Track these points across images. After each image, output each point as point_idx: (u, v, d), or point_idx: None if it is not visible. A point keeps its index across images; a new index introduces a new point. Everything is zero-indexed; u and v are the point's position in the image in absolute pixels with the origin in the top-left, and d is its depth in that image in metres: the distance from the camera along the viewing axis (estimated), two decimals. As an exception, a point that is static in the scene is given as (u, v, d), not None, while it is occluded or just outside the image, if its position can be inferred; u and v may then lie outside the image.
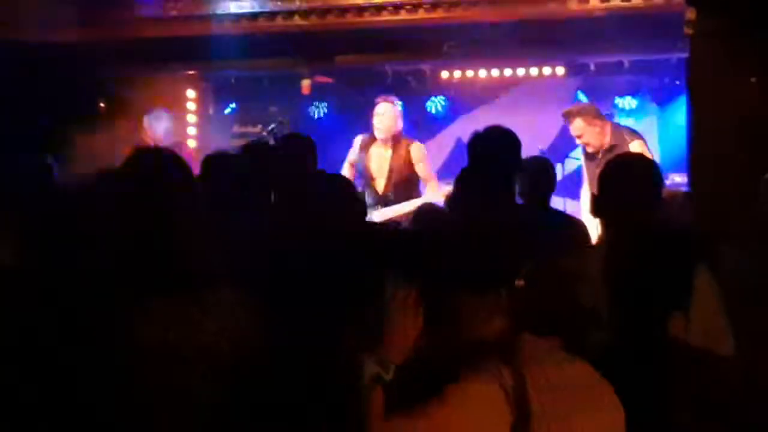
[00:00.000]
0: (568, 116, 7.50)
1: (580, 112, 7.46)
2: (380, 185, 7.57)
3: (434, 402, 2.18)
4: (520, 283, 2.34)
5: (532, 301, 2.37)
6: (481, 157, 4.17)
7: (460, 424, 2.18)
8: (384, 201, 7.45)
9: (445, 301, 2.35)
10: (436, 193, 7.25)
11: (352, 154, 7.79)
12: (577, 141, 7.51)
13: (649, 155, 6.92)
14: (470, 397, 2.21)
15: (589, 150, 7.41)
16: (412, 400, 2.20)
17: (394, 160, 7.56)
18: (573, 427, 2.27)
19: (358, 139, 7.83)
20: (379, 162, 7.61)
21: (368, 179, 7.62)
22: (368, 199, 7.42)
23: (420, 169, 7.56)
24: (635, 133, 7.45)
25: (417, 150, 7.60)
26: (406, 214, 7.10)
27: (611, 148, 7.11)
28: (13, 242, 2.67)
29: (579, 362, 2.38)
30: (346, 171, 7.59)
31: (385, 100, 7.74)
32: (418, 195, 7.52)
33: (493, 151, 4.15)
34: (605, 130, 7.32)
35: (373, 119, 7.68)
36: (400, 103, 7.77)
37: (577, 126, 7.39)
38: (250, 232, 4.13)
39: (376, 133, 7.65)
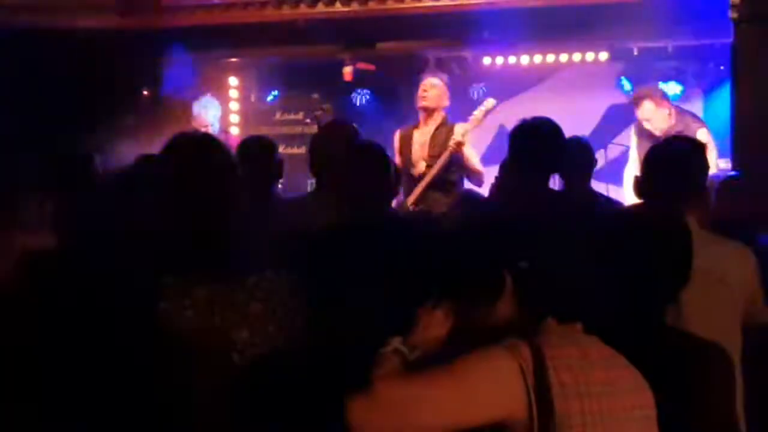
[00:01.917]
0: (637, 100, 7.50)
1: (649, 95, 7.44)
2: (421, 165, 7.37)
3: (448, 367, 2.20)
4: (523, 264, 2.34)
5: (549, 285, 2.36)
6: (522, 151, 4.15)
7: (470, 389, 2.18)
8: (418, 179, 7.28)
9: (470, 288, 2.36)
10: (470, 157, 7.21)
11: (396, 154, 7.53)
12: (645, 125, 7.45)
13: (712, 144, 6.90)
14: (483, 366, 2.21)
15: (657, 134, 7.36)
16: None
17: (436, 141, 7.37)
18: (599, 405, 2.25)
19: (397, 135, 7.67)
20: (420, 146, 7.45)
21: (408, 162, 7.42)
22: (407, 183, 7.25)
23: (464, 152, 7.34)
24: (699, 120, 7.43)
25: (462, 129, 7.40)
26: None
27: (678, 133, 7.06)
28: (59, 228, 2.71)
29: (601, 344, 2.36)
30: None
31: (432, 75, 7.75)
32: (458, 178, 7.39)
33: (535, 144, 4.12)
34: (672, 114, 7.29)
35: (419, 92, 7.56)
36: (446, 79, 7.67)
37: (646, 108, 7.38)
38: (288, 217, 4.17)
39: (422, 103, 7.49)
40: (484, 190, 6.63)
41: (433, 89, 7.53)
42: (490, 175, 6.15)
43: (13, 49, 8.15)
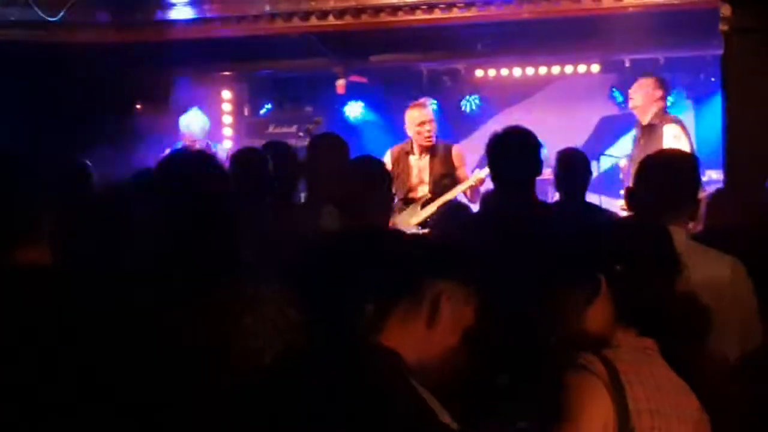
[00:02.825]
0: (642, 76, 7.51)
1: (653, 77, 7.45)
2: (423, 188, 7.34)
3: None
4: (618, 268, 2.36)
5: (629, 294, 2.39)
6: (498, 160, 4.17)
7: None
8: (425, 203, 7.22)
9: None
10: (470, 181, 7.16)
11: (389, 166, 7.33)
12: (632, 92, 7.43)
13: (684, 138, 6.91)
14: (580, 390, 2.24)
15: (630, 105, 7.37)
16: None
17: (436, 165, 7.35)
18: (668, 425, 2.29)
19: (388, 154, 7.54)
20: (420, 168, 7.41)
21: (409, 189, 7.38)
22: (407, 201, 7.28)
23: (462, 172, 7.37)
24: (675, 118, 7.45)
25: (458, 153, 7.45)
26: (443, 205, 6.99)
27: (651, 125, 7.10)
28: (50, 242, 2.72)
29: (667, 366, 2.39)
30: None
31: (416, 104, 7.53)
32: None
33: (511, 153, 4.14)
34: (657, 103, 7.24)
35: (414, 127, 7.38)
36: (434, 102, 7.67)
37: (638, 83, 7.36)
38: (280, 227, 4.20)
39: (424, 142, 7.34)
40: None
41: (429, 125, 7.35)
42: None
43: (9, 63, 8.17)
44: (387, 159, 7.39)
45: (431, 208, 7.06)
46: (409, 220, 6.97)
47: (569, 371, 2.28)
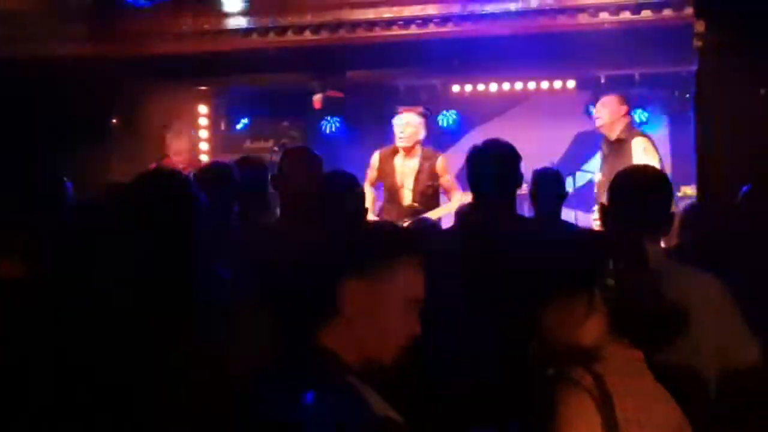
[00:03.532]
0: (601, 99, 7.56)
1: (616, 95, 7.51)
2: (406, 196, 7.65)
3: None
4: (610, 282, 2.37)
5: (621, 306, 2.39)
6: (479, 173, 4.17)
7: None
8: (411, 212, 7.46)
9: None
10: (461, 201, 7.31)
11: (372, 171, 7.85)
12: (596, 110, 7.48)
13: (653, 151, 6.95)
14: (568, 406, 2.24)
15: (596, 124, 7.41)
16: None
17: (421, 171, 7.67)
18: None
19: (377, 154, 7.92)
20: (404, 172, 7.71)
21: (393, 191, 7.70)
22: (393, 213, 7.52)
23: (445, 180, 7.68)
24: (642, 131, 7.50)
25: (443, 162, 7.76)
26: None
27: (619, 140, 7.14)
28: (26, 257, 2.70)
29: (653, 378, 2.39)
30: (367, 191, 7.59)
31: (408, 110, 7.95)
32: (438, 205, 7.65)
33: (491, 165, 4.15)
34: (623, 118, 7.30)
35: (394, 129, 7.80)
36: (420, 113, 7.88)
37: (604, 101, 7.41)
38: (251, 243, 4.18)
39: (399, 143, 7.74)
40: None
41: (408, 127, 7.76)
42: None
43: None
44: (374, 159, 7.87)
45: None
46: None
47: (557, 386, 2.28)
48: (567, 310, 2.39)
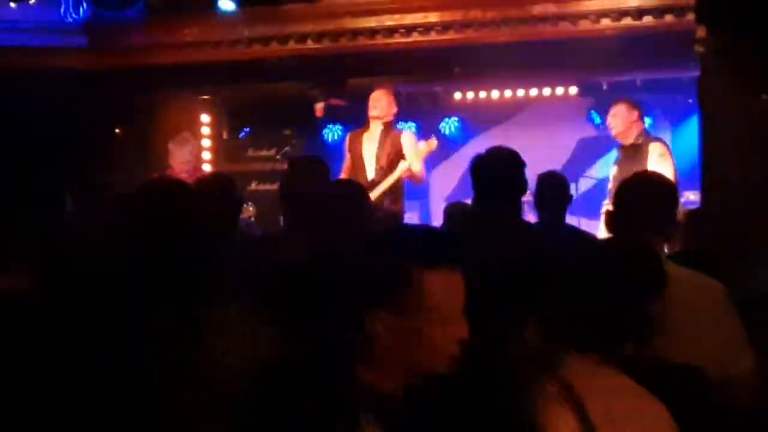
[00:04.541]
0: (614, 103, 7.53)
1: (626, 99, 7.48)
2: (369, 170, 7.71)
3: None
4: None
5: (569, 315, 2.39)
6: (484, 179, 4.16)
7: None
8: (371, 186, 7.48)
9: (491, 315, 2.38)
10: (405, 168, 7.54)
11: (346, 154, 8.01)
12: (610, 122, 7.46)
13: (668, 158, 6.94)
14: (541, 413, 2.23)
15: (612, 133, 7.39)
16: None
17: (382, 142, 7.72)
18: (632, 428, 2.28)
19: (348, 136, 8.11)
20: (370, 147, 7.78)
21: (358, 166, 7.78)
22: None
23: (408, 154, 7.69)
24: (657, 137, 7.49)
25: (407, 136, 7.86)
26: (390, 187, 7.48)
27: (634, 145, 7.13)
28: (27, 268, 2.71)
29: (622, 376, 2.38)
30: (345, 173, 7.76)
31: (381, 88, 8.07)
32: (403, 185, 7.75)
33: (495, 172, 4.14)
34: (637, 124, 7.28)
35: (368, 104, 7.89)
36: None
37: (617, 108, 7.38)
38: (258, 251, 4.18)
39: (371, 113, 7.85)
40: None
41: (380, 100, 7.87)
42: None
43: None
44: (346, 141, 8.09)
45: (376, 192, 7.42)
46: None
47: (527, 396, 2.27)
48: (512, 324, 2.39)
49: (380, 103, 7.84)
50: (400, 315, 2.06)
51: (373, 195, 7.37)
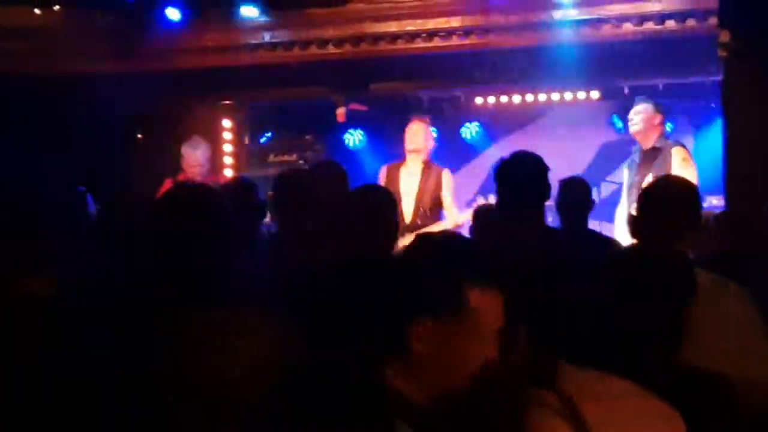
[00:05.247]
0: (639, 101, 7.46)
1: (652, 102, 7.42)
2: (408, 207, 7.56)
3: None
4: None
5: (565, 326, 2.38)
6: (508, 184, 4.15)
7: None
8: (412, 227, 7.37)
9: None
10: (455, 219, 7.44)
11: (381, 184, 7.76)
12: (632, 117, 7.39)
13: (691, 163, 6.88)
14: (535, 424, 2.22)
15: (631, 131, 7.32)
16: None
17: (424, 182, 7.61)
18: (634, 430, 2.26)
19: (384, 168, 7.92)
20: (409, 183, 7.66)
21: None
22: None
23: (446, 196, 7.62)
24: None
25: (447, 177, 7.71)
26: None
27: (655, 148, 7.08)
28: (51, 271, 2.72)
29: (620, 379, 2.37)
30: None
31: (418, 119, 7.97)
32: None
33: (519, 178, 4.13)
34: (659, 127, 7.22)
35: (405, 137, 7.78)
36: (433, 129, 7.89)
37: (639, 106, 7.31)
38: (282, 257, 4.18)
39: (408, 146, 7.73)
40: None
41: (417, 135, 7.75)
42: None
43: (11, 94, 8.20)
44: (381, 173, 7.88)
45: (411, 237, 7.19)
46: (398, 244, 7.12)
47: (523, 408, 2.25)
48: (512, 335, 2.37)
49: (417, 137, 7.74)
50: (442, 329, 2.06)
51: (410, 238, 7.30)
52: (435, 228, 7.37)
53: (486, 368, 2.10)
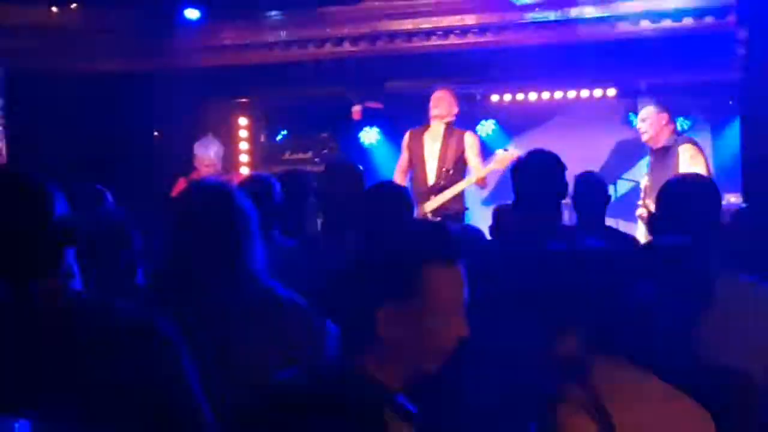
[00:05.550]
0: (642, 105, 7.44)
1: (653, 101, 7.40)
2: (431, 170, 7.65)
3: None
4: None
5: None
6: (525, 182, 4.13)
7: None
8: (436, 188, 7.53)
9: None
10: (478, 173, 7.50)
11: (403, 152, 7.96)
12: (639, 126, 7.36)
13: (700, 157, 6.86)
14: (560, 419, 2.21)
15: (643, 138, 7.29)
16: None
17: (446, 142, 7.67)
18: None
19: (407, 133, 7.98)
20: (431, 146, 7.72)
21: (419, 166, 7.72)
22: (419, 188, 7.53)
23: (470, 156, 7.65)
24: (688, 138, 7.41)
25: (471, 138, 7.78)
26: (454, 198, 7.45)
27: (665, 147, 7.05)
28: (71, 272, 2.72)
29: (653, 378, 2.36)
30: (397, 178, 7.65)
31: (443, 87, 8.04)
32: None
33: (536, 176, 4.11)
34: (666, 126, 7.19)
35: (430, 104, 7.85)
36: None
37: (646, 110, 7.29)
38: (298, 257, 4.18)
39: (433, 112, 7.80)
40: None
41: (442, 100, 7.83)
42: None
43: (29, 92, 8.23)
44: (405, 138, 7.97)
45: (444, 196, 7.48)
46: (424, 208, 7.31)
47: (549, 402, 2.25)
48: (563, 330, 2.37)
49: (442, 103, 7.81)
50: (406, 312, 2.07)
51: (439, 200, 7.46)
52: (459, 186, 7.44)
53: (456, 344, 2.11)
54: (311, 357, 2.67)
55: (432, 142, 7.74)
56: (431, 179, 7.62)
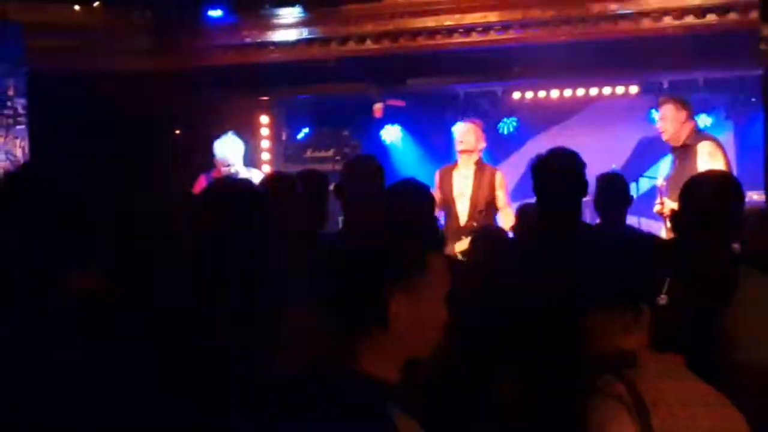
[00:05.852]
0: (661, 102, 7.40)
1: (672, 99, 7.36)
2: (464, 209, 7.60)
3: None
4: (662, 299, 2.35)
5: (665, 318, 2.37)
6: (546, 180, 4.13)
7: None
8: (467, 230, 7.28)
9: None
10: (510, 220, 7.29)
11: (435, 192, 7.58)
12: (659, 124, 7.34)
13: (719, 155, 6.83)
14: (600, 415, 2.22)
15: (664, 138, 7.27)
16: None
17: (477, 183, 7.63)
18: None
19: (438, 173, 7.93)
20: (463, 185, 7.68)
21: (450, 204, 7.67)
22: (452, 228, 7.47)
23: (500, 196, 7.62)
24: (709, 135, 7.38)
25: (501, 178, 7.72)
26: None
27: (685, 145, 7.02)
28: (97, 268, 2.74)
29: (700, 382, 2.36)
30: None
31: (469, 120, 8.04)
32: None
33: (556, 175, 4.10)
34: (686, 124, 7.16)
35: (455, 136, 7.88)
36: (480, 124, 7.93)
37: (666, 108, 7.25)
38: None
39: (459, 147, 7.78)
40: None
41: (468, 134, 7.79)
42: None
43: (52, 91, 8.27)
44: (435, 178, 7.86)
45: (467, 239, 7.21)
46: (455, 248, 7.09)
47: (590, 397, 2.26)
48: (613, 322, 2.37)
49: (467, 138, 7.79)
50: (413, 291, 2.11)
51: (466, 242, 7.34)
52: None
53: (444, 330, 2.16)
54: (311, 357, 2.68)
55: (462, 181, 7.71)
56: (463, 219, 7.59)
